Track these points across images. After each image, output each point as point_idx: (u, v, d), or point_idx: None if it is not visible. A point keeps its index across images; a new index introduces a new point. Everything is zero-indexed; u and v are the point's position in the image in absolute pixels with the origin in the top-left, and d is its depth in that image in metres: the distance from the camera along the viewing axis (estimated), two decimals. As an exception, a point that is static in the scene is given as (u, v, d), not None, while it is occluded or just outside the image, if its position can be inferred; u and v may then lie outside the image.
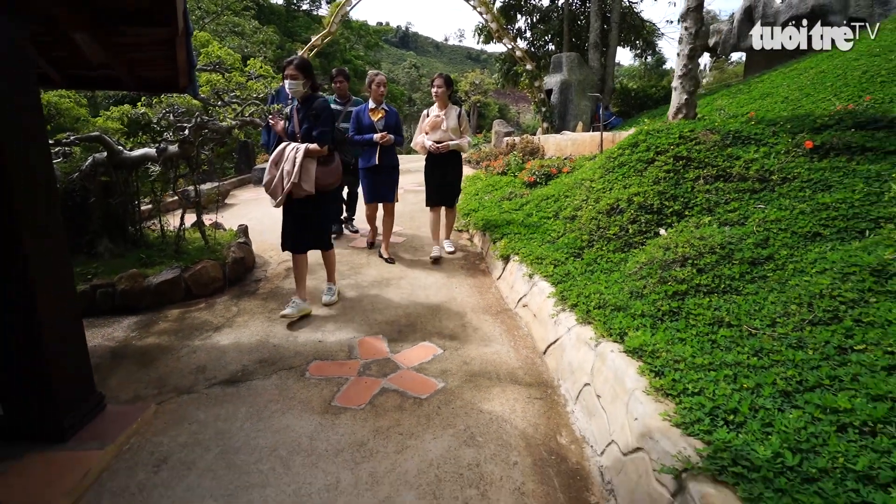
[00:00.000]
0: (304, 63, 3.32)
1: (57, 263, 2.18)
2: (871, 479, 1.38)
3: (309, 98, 3.38)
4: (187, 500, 1.87)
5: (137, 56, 2.92)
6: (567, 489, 1.97)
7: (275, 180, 3.30)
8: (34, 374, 2.09)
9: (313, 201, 3.40)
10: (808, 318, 2.16)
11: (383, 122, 4.52)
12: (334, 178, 3.48)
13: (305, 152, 3.26)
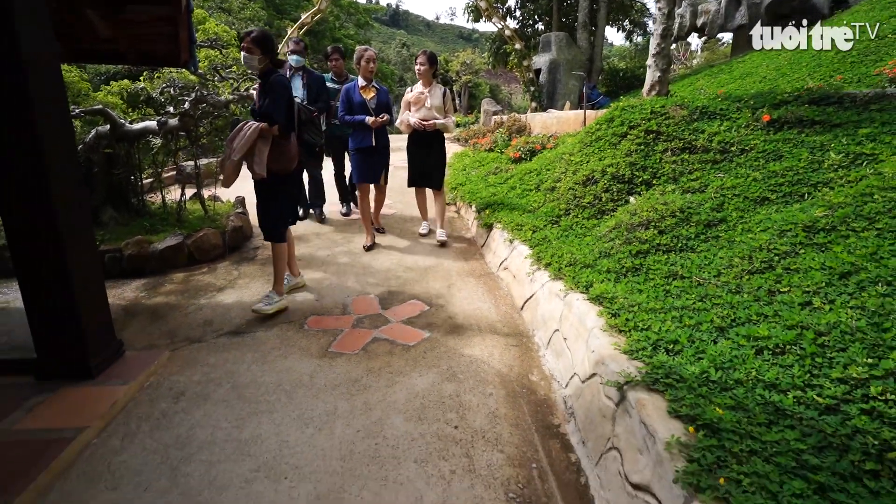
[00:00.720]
0: (260, 37, 3.04)
1: (81, 224, 2.42)
2: (774, 387, 1.69)
3: (267, 73, 3.12)
4: (205, 423, 2.16)
5: (141, 32, 3.12)
6: (534, 413, 2.29)
7: (227, 164, 3.04)
8: (66, 321, 2.35)
9: (266, 186, 3.17)
10: (748, 268, 2.47)
11: (375, 100, 4.33)
12: (286, 162, 3.17)
13: (255, 131, 2.97)
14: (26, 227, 2.24)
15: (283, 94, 3.12)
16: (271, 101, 3.06)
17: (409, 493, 1.77)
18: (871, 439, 1.38)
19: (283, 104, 3.11)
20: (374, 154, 4.41)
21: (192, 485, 1.81)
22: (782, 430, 1.49)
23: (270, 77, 3.11)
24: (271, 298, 3.25)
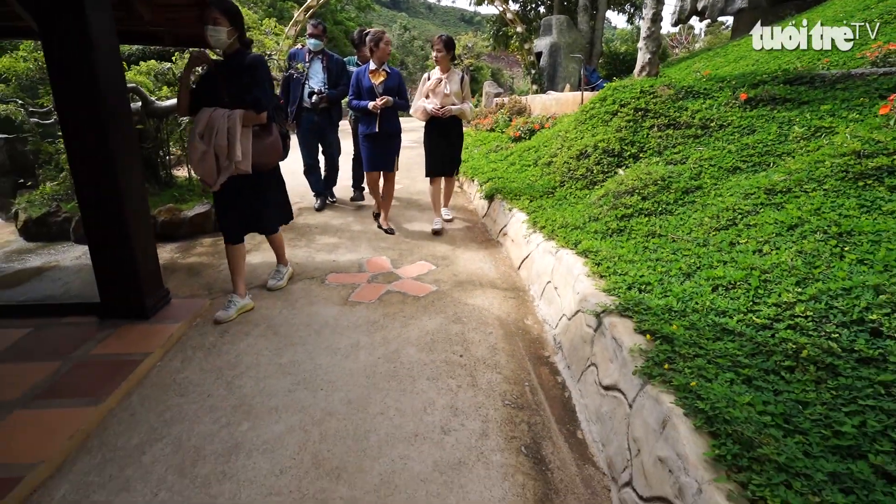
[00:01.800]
0: (231, 7, 2.72)
1: (136, 186, 2.78)
2: (723, 313, 2.07)
3: (238, 52, 2.77)
4: (249, 351, 2.56)
5: (176, 16, 3.44)
6: (528, 348, 2.68)
7: (207, 157, 2.66)
8: (125, 268, 2.73)
9: (250, 180, 2.85)
10: (715, 226, 2.85)
11: (383, 86, 4.15)
12: (273, 154, 2.93)
13: (238, 120, 2.64)
14: (94, 189, 2.60)
15: (268, 77, 2.83)
16: (257, 85, 2.72)
17: (424, 399, 2.17)
18: (791, 345, 1.76)
19: (268, 88, 2.82)
20: (380, 141, 4.25)
21: (245, 393, 2.21)
22: (724, 342, 1.88)
23: (246, 57, 2.76)
24: (281, 272, 3.42)
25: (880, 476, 1.26)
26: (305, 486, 1.69)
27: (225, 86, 2.71)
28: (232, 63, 2.76)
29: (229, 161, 2.67)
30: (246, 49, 2.83)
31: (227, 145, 2.64)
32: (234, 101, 2.70)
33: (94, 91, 2.46)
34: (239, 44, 2.79)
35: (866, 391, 1.51)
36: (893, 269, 1.91)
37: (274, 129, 2.93)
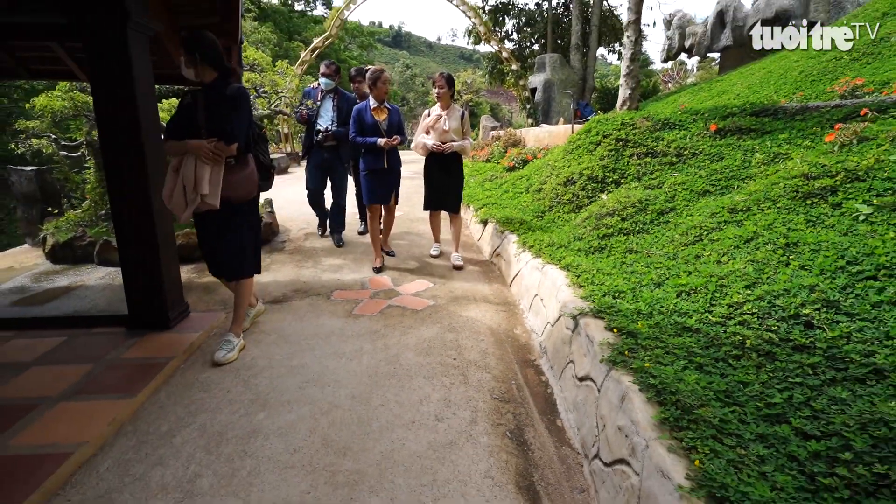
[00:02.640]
0: (188, 42, 2.60)
1: (166, 211, 3.11)
2: (684, 314, 2.35)
3: (216, 82, 2.67)
4: (263, 356, 2.83)
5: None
6: (516, 353, 2.95)
7: (175, 191, 2.58)
8: (152, 283, 3.03)
9: (224, 215, 2.72)
10: (684, 241, 3.15)
11: (387, 122, 4.21)
12: (249, 187, 2.79)
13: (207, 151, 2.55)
14: (130, 212, 2.93)
15: (247, 109, 2.73)
16: (236, 115, 2.63)
17: (420, 394, 2.43)
18: (738, 338, 2.03)
19: (244, 121, 2.69)
20: (385, 175, 4.30)
21: (261, 390, 2.47)
22: (682, 338, 2.15)
23: (227, 88, 2.67)
24: (231, 343, 2.86)
25: (798, 435, 1.52)
26: (316, 461, 1.94)
27: (203, 115, 2.64)
28: (210, 93, 2.67)
29: (195, 194, 2.56)
30: (225, 79, 2.71)
31: (195, 178, 2.54)
32: (211, 132, 2.62)
33: (135, 128, 2.82)
34: (216, 73, 2.68)
35: (796, 372, 1.78)
36: (828, 272, 2.21)
37: (250, 161, 2.82)
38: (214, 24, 3.53)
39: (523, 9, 18.58)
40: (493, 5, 18.19)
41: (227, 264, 2.88)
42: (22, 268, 4.53)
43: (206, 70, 2.65)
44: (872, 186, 2.63)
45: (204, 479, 1.85)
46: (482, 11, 16.26)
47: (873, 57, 6.95)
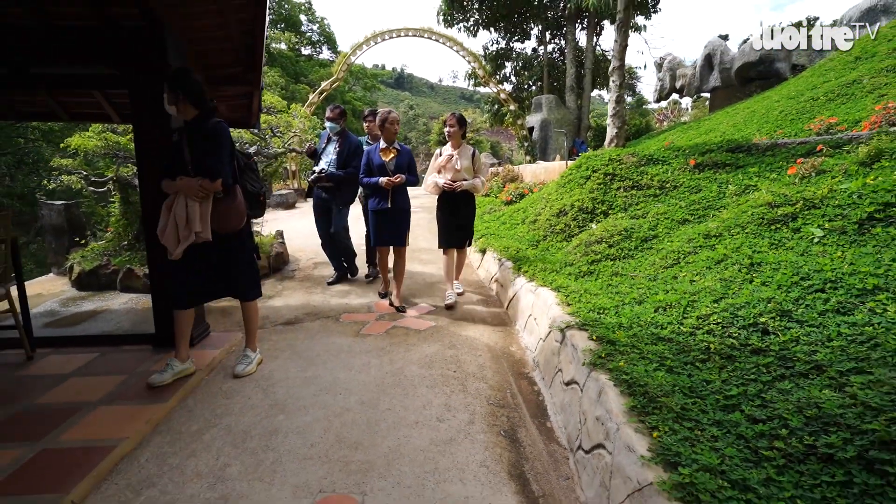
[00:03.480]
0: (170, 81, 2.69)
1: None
2: (659, 326, 2.63)
3: (197, 119, 2.75)
4: (279, 369, 3.09)
5: (228, 103, 4.28)
6: (511, 366, 3.20)
7: (167, 228, 2.69)
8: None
9: (217, 245, 2.82)
10: (663, 264, 3.46)
11: (394, 162, 4.22)
12: (237, 218, 2.85)
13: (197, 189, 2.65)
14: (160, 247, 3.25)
15: (225, 144, 2.76)
16: (211, 153, 2.70)
17: (423, 400, 2.68)
18: (705, 344, 2.31)
19: (225, 155, 2.76)
20: (391, 216, 4.23)
21: (279, 397, 2.73)
22: (657, 346, 2.42)
23: (207, 124, 2.74)
24: (249, 357, 3.11)
25: (749, 419, 1.78)
26: (331, 454, 2.19)
27: (188, 154, 2.74)
28: (192, 129, 2.76)
29: (189, 231, 2.67)
30: (206, 116, 2.77)
31: (186, 216, 2.66)
32: (197, 168, 2.71)
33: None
34: (197, 111, 2.75)
35: (752, 371, 2.05)
36: (784, 287, 2.50)
37: (238, 193, 2.88)
38: (238, 74, 3.95)
39: (521, 53, 19.57)
40: (494, 51, 19.18)
41: (229, 289, 2.99)
42: (50, 294, 4.83)
43: (187, 108, 2.72)
44: (826, 213, 2.95)
45: (232, 467, 2.10)
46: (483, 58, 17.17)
47: (847, 98, 7.43)
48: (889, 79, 7.23)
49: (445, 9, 18.33)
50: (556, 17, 18.23)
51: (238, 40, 3.65)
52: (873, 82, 7.42)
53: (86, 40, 3.14)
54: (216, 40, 3.61)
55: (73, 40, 3.16)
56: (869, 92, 7.16)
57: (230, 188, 2.82)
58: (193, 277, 2.87)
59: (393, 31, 15.34)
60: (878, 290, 2.17)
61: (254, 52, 3.80)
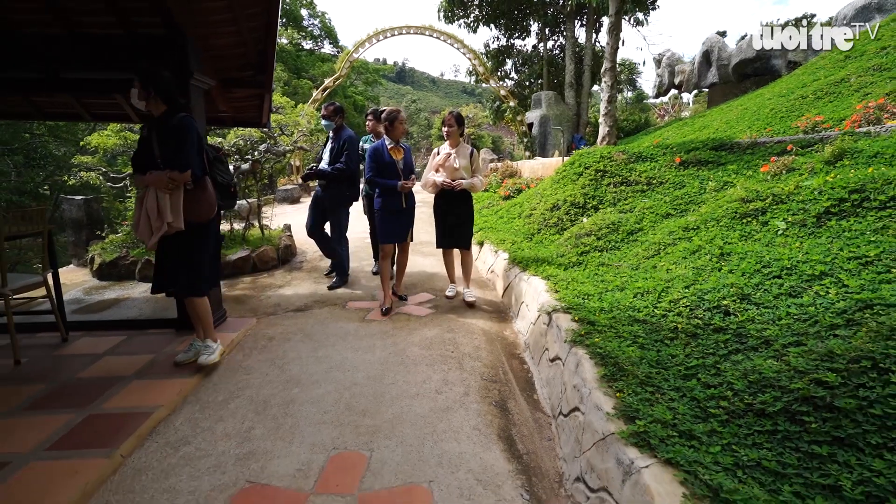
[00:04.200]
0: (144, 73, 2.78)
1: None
2: (636, 310, 2.92)
3: (165, 115, 2.83)
4: (292, 350, 3.39)
5: (240, 104, 4.56)
6: (504, 348, 3.50)
7: (141, 221, 2.79)
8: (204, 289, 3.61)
9: (182, 238, 2.87)
10: (645, 255, 3.74)
11: (402, 161, 4.23)
12: (208, 208, 2.93)
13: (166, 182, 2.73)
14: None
15: (192, 137, 2.83)
16: (179, 146, 2.78)
17: (423, 376, 2.98)
18: (673, 324, 2.60)
19: (192, 148, 2.83)
20: (402, 216, 4.28)
21: (293, 373, 3.03)
22: (632, 326, 2.71)
23: (173, 119, 2.81)
24: (210, 347, 3.12)
25: (702, 385, 2.07)
26: (342, 419, 2.49)
27: (157, 148, 2.82)
28: (160, 124, 2.84)
29: (161, 222, 2.74)
30: (173, 112, 2.85)
31: (157, 207, 2.73)
32: (166, 162, 2.79)
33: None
34: (165, 105, 2.84)
35: (712, 346, 2.34)
36: (747, 274, 2.78)
37: (207, 184, 2.94)
38: (250, 77, 4.23)
39: (521, 50, 19.77)
40: (495, 48, 19.38)
41: (182, 282, 2.96)
42: (73, 283, 5.14)
43: (157, 103, 2.82)
44: (790, 207, 3.23)
45: (256, 430, 2.40)
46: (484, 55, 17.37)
47: (834, 96, 7.68)
48: (875, 78, 7.47)
49: (446, 5, 18.52)
50: (556, 14, 18.45)
51: (251, 47, 3.92)
52: (860, 81, 7.66)
53: (113, 48, 3.42)
54: (230, 47, 3.89)
55: (100, 48, 3.44)
56: (855, 90, 7.41)
57: (199, 179, 2.90)
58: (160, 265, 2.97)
59: (395, 29, 15.57)
60: (824, 276, 2.45)
61: (265, 58, 4.08)
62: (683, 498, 1.47)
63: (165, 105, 2.84)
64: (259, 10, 3.60)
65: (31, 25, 3.49)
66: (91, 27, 3.51)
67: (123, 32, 3.43)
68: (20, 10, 3.39)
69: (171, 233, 2.79)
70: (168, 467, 2.12)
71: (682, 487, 1.51)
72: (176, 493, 1.95)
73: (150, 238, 2.79)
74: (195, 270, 2.98)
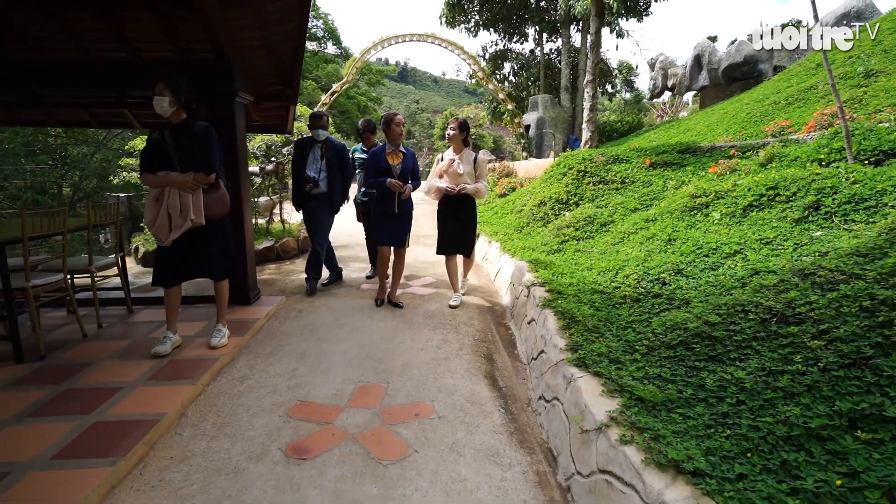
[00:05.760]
0: (172, 81, 3.05)
1: (250, 222, 4.46)
2: (597, 283, 3.64)
3: (186, 122, 3.09)
4: (318, 319, 4.13)
5: (268, 114, 5.30)
6: (494, 318, 4.23)
7: (159, 218, 3.01)
8: (240, 273, 4.35)
9: (202, 231, 3.17)
10: (613, 242, 4.47)
11: (400, 167, 4.26)
12: (223, 206, 3.27)
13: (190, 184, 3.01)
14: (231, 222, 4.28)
15: (216, 144, 3.15)
16: (206, 152, 3.06)
17: (426, 337, 3.71)
18: (623, 293, 3.31)
19: (217, 153, 3.14)
20: (396, 218, 4.32)
21: (322, 335, 3.77)
22: (592, 295, 3.44)
23: (194, 126, 3.08)
24: (221, 331, 3.47)
25: (635, 333, 2.79)
26: (364, 364, 3.22)
27: (175, 151, 3.03)
28: (181, 130, 3.06)
29: (183, 219, 2.99)
30: (193, 118, 3.12)
31: (180, 206, 2.99)
32: (185, 165, 3.01)
33: (235, 164, 4.21)
34: (185, 113, 3.11)
35: (648, 307, 3.06)
36: (685, 254, 3.50)
37: (221, 186, 3.27)
38: (279, 92, 4.96)
39: (519, 54, 20.51)
40: (493, 52, 20.13)
41: (204, 270, 3.31)
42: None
43: (180, 111, 3.10)
44: (727, 201, 3.95)
45: (299, 370, 3.14)
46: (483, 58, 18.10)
47: (803, 102, 8.37)
48: (839, 85, 8.17)
49: (447, 12, 19.25)
50: (552, 20, 19.17)
51: (280, 68, 4.66)
52: (826, 88, 8.35)
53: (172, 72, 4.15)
54: (264, 68, 4.61)
55: (161, 72, 4.17)
56: (821, 97, 8.10)
57: (216, 181, 3.22)
58: (174, 261, 3.20)
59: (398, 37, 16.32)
60: (737, 254, 3.18)
61: (292, 76, 4.81)
62: (601, 392, 2.20)
63: (186, 113, 3.14)
64: (288, 40, 4.32)
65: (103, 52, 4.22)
66: (151, 52, 4.24)
67: (181, 59, 4.16)
68: (95, 41, 4.12)
69: (193, 228, 3.07)
70: (237, 392, 2.86)
71: (601, 387, 2.24)
72: (247, 406, 2.69)
73: (170, 234, 3.04)
74: (229, 257, 3.43)
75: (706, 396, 2.05)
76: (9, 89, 4.27)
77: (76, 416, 2.48)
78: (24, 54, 4.13)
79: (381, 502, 1.93)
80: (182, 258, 3.20)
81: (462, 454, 2.27)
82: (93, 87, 4.12)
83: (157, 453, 2.27)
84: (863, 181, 3.09)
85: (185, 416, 2.61)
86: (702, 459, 1.65)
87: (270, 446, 2.30)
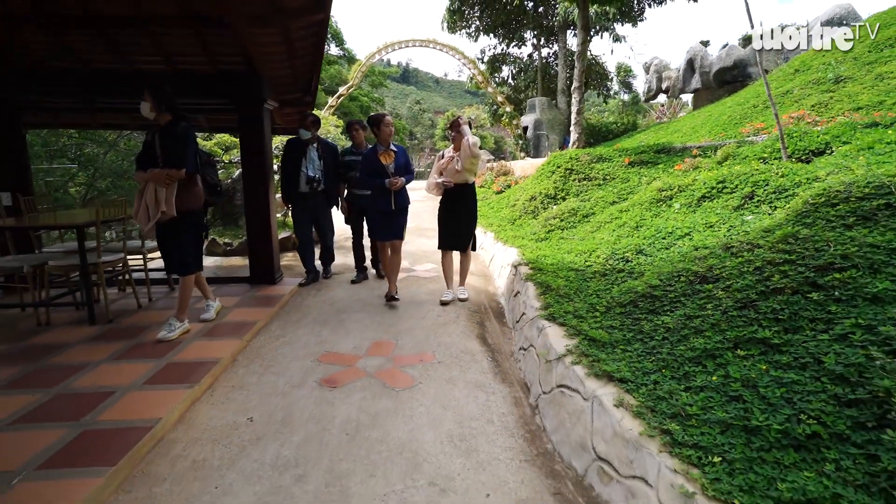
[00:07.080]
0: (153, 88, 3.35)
1: (274, 212, 5.12)
2: (573, 263, 4.29)
3: (171, 124, 3.38)
4: (335, 295, 4.78)
5: (286, 117, 5.96)
6: (487, 297, 4.88)
7: (142, 209, 3.31)
8: (266, 255, 5.01)
9: (173, 224, 3.41)
10: (592, 230, 5.12)
11: (393, 165, 4.42)
12: (196, 201, 3.54)
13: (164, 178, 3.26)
14: (257, 211, 4.94)
15: (193, 143, 3.45)
16: (183, 149, 3.34)
17: (427, 309, 4.36)
18: (594, 270, 3.96)
19: (191, 151, 3.40)
20: (393, 215, 4.45)
21: (340, 307, 4.42)
22: (567, 271, 4.09)
23: (178, 127, 3.37)
24: (172, 325, 3.55)
25: (600, 297, 3.44)
26: (377, 328, 3.88)
27: (160, 151, 3.37)
28: (166, 132, 3.38)
29: (157, 210, 3.29)
30: (178, 120, 3.42)
31: (156, 199, 3.29)
32: (167, 163, 3.34)
33: (263, 164, 4.87)
34: (171, 116, 3.40)
35: (612, 280, 3.70)
36: (647, 237, 4.14)
37: (197, 181, 3.58)
38: (298, 98, 5.62)
39: (518, 58, 21.19)
40: (492, 56, 20.81)
41: (175, 262, 3.59)
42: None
43: (164, 115, 3.40)
44: (686, 194, 4.59)
45: (323, 331, 3.80)
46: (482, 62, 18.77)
47: (779, 106, 8.98)
48: (811, 90, 8.80)
49: (449, 18, 19.93)
50: (550, 26, 19.84)
51: (301, 77, 5.31)
52: (800, 93, 8.99)
53: (208, 83, 4.81)
54: (286, 77, 5.27)
55: (198, 83, 4.83)
56: (796, 101, 8.73)
57: (192, 176, 3.48)
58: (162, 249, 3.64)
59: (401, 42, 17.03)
60: (686, 236, 3.82)
61: (310, 84, 5.47)
62: (563, 335, 2.84)
63: (170, 115, 3.42)
64: (308, 53, 4.98)
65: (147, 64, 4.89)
66: (187, 65, 4.90)
67: (214, 72, 4.82)
68: (139, 53, 4.77)
69: (164, 220, 3.33)
70: (275, 346, 3.52)
71: (564, 332, 2.88)
72: (285, 355, 3.35)
73: (147, 224, 3.34)
74: (183, 250, 3.56)
75: (642, 337, 2.69)
76: (67, 97, 4.95)
77: (152, 359, 3.14)
78: (78, 66, 4.80)
79: (394, 412, 2.59)
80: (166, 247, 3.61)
81: (456, 385, 2.92)
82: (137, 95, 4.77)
83: (219, 383, 2.93)
84: (788, 175, 3.73)
85: (237, 361, 3.27)
86: (628, 372, 2.30)
87: (307, 379, 2.96)
